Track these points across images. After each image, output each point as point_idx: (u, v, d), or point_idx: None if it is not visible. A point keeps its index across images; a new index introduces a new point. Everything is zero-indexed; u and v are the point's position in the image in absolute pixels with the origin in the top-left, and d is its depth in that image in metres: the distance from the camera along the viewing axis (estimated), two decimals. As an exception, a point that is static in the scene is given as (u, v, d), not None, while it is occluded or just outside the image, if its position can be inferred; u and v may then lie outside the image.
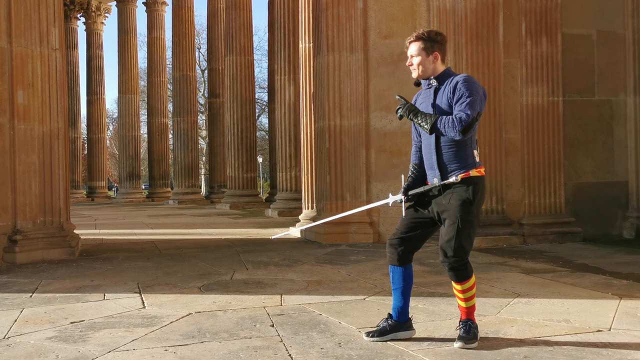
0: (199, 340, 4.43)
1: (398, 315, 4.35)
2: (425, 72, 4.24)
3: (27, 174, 8.65)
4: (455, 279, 4.17)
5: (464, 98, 3.99)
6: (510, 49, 9.71)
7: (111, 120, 54.68)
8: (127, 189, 30.24)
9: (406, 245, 4.29)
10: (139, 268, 7.81)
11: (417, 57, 4.23)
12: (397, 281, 4.34)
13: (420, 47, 4.22)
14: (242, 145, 21.13)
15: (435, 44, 4.22)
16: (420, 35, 4.25)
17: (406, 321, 4.37)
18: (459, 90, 4.02)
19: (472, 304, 4.24)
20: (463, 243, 4.07)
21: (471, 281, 4.19)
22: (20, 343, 4.46)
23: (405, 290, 4.35)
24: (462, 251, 4.08)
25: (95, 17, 34.53)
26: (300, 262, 8.04)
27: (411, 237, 4.29)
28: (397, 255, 4.29)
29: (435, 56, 4.22)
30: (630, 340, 4.27)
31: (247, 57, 21.43)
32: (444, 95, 4.13)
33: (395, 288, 4.36)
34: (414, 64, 4.25)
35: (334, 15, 10.19)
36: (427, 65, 4.22)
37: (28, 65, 8.70)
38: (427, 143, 4.22)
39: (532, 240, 9.49)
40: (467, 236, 4.09)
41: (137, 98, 31.38)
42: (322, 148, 10.49)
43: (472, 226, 4.11)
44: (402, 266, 4.31)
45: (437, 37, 4.25)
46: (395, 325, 4.33)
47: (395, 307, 4.35)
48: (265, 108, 44.33)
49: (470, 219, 4.08)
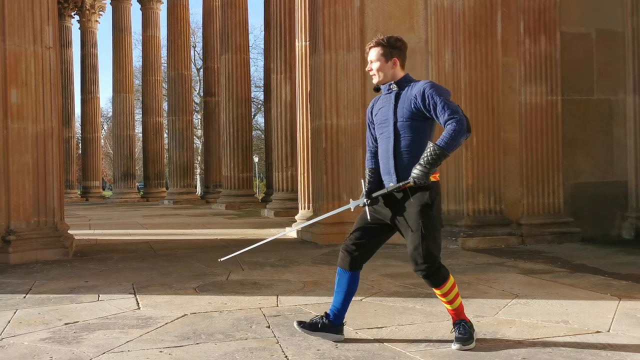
0: (194, 341, 4.40)
1: (334, 317, 4.35)
2: (384, 77, 4.26)
3: (21, 173, 8.59)
4: (432, 285, 4.16)
5: (440, 104, 3.98)
6: (509, 47, 9.67)
7: (105, 119, 54.64)
8: (121, 189, 30.20)
9: (361, 252, 4.29)
10: (133, 269, 7.77)
11: (376, 62, 4.25)
12: (343, 285, 4.34)
13: (380, 53, 4.24)
14: (238, 145, 21.09)
15: (394, 49, 4.25)
16: (380, 41, 4.27)
17: (339, 325, 4.37)
18: (431, 97, 4.01)
19: (458, 304, 4.22)
20: (430, 248, 4.06)
21: (449, 282, 4.17)
22: (13, 344, 4.43)
23: (348, 295, 4.36)
24: (431, 256, 4.06)
25: (90, 15, 34.46)
26: (296, 263, 8.01)
27: (367, 243, 4.29)
28: (350, 260, 4.28)
29: (394, 62, 4.24)
30: (630, 342, 4.25)
31: (243, 55, 21.40)
32: (406, 100, 4.14)
33: (338, 291, 4.36)
34: (374, 69, 4.27)
35: (331, 14, 10.14)
36: (386, 70, 4.24)
37: (21, 64, 8.64)
38: (385, 148, 4.23)
39: (530, 240, 9.45)
40: (432, 240, 4.07)
41: (132, 97, 31.36)
42: (318, 147, 10.44)
43: (436, 229, 4.12)
44: (351, 271, 4.30)
45: (396, 43, 4.27)
46: (327, 325, 4.34)
47: (333, 309, 4.36)
48: (261, 107, 44.25)
49: (432, 222, 4.08)
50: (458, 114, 3.94)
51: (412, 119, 4.10)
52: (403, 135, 4.14)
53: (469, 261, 7.86)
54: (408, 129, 4.12)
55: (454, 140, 3.92)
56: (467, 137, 4.02)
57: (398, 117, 4.15)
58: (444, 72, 9.63)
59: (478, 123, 9.40)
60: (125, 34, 30.95)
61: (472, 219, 9.33)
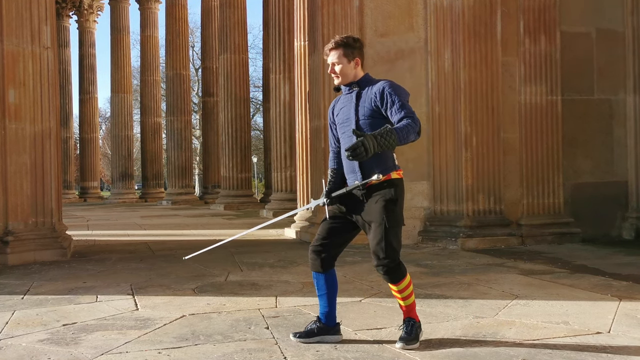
0: (193, 342, 4.39)
1: (326, 319, 4.36)
2: (347, 78, 4.25)
3: (19, 174, 8.56)
4: (391, 281, 4.16)
5: (398, 103, 4.00)
6: (508, 47, 9.65)
7: (104, 119, 54.56)
8: (119, 190, 30.16)
9: (328, 252, 4.29)
10: (132, 269, 7.75)
11: (338, 64, 4.24)
12: (322, 287, 4.35)
13: (341, 54, 4.23)
14: (237, 145, 21.07)
15: (356, 50, 4.25)
16: (340, 42, 4.26)
17: (334, 325, 4.37)
18: (389, 95, 4.03)
19: (411, 301, 4.25)
20: (392, 243, 4.07)
21: (407, 280, 4.18)
22: (11, 346, 4.41)
23: (331, 295, 4.37)
24: (392, 251, 4.06)
25: (88, 15, 34.42)
26: (295, 264, 7.99)
27: (333, 242, 4.30)
28: (321, 262, 4.29)
29: (356, 62, 4.25)
30: (630, 343, 4.23)
31: (242, 55, 21.38)
32: (367, 99, 4.15)
33: (320, 294, 4.37)
34: (337, 71, 4.25)
35: (330, 13, 10.11)
36: (349, 71, 4.24)
37: (19, 64, 8.61)
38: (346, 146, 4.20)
39: (530, 241, 9.43)
40: (394, 235, 4.08)
41: (130, 97, 31.33)
42: (317, 148, 10.42)
43: (398, 225, 4.13)
44: (325, 272, 4.31)
45: (356, 43, 4.28)
46: (323, 328, 4.34)
47: (322, 312, 4.37)
48: (259, 107, 44.24)
49: (396, 218, 4.09)
50: (413, 115, 3.97)
51: (372, 117, 4.12)
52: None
53: (469, 262, 7.83)
54: (370, 127, 4.10)
55: (407, 132, 3.88)
56: (414, 139, 3.98)
57: (360, 115, 4.16)
58: (444, 71, 9.60)
59: (478, 123, 9.38)
60: (124, 34, 30.92)
61: (471, 219, 9.31)
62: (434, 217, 9.70)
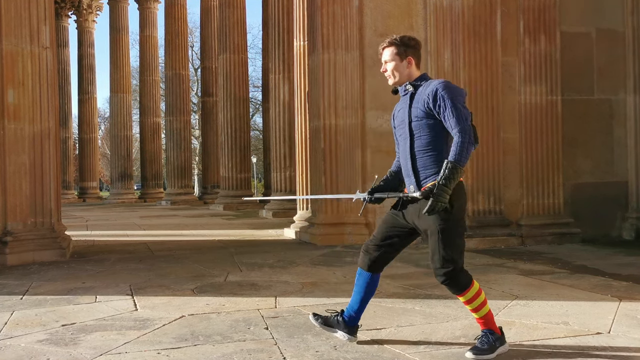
0: (192, 343, 4.38)
1: (349, 318, 4.30)
2: (400, 77, 4.17)
3: (18, 174, 8.54)
4: (453, 292, 4.04)
5: (449, 109, 3.87)
6: (508, 47, 9.64)
7: (103, 119, 54.53)
8: (119, 190, 30.11)
9: (381, 254, 4.20)
10: (131, 270, 7.74)
11: (390, 62, 4.18)
12: (360, 286, 4.27)
13: (394, 53, 4.16)
14: (236, 145, 21.04)
15: (409, 48, 4.16)
16: (393, 40, 4.19)
17: (353, 326, 4.30)
18: (442, 99, 3.90)
19: (485, 312, 4.05)
20: (448, 253, 3.91)
21: (473, 289, 4.00)
22: (10, 346, 4.41)
23: (365, 297, 4.29)
24: (447, 262, 3.91)
25: (87, 15, 34.37)
26: (295, 264, 7.98)
27: (388, 245, 4.20)
28: (369, 261, 4.21)
29: (409, 61, 4.15)
30: (630, 343, 4.23)
31: (241, 55, 21.35)
32: (420, 100, 4.04)
33: (356, 291, 4.30)
34: (389, 70, 4.19)
35: (329, 13, 10.11)
36: (401, 70, 4.16)
37: (18, 64, 8.59)
38: (403, 149, 4.15)
39: (530, 241, 9.42)
40: (450, 245, 3.92)
41: (129, 97, 31.26)
42: (317, 148, 10.40)
43: (455, 234, 3.95)
44: (370, 272, 4.23)
45: (410, 41, 4.19)
46: (341, 324, 4.28)
47: (350, 309, 4.31)
48: (259, 107, 44.20)
49: (450, 226, 3.92)
50: (464, 124, 3.83)
51: (426, 118, 4.00)
52: (418, 135, 4.04)
53: (469, 262, 7.73)
54: (423, 128, 4.01)
55: (463, 152, 3.78)
56: (475, 147, 3.90)
57: (412, 117, 4.06)
58: (443, 71, 9.59)
59: (478, 123, 9.25)
60: (123, 33, 30.86)
61: (471, 219, 9.30)
62: (433, 218, 9.68)
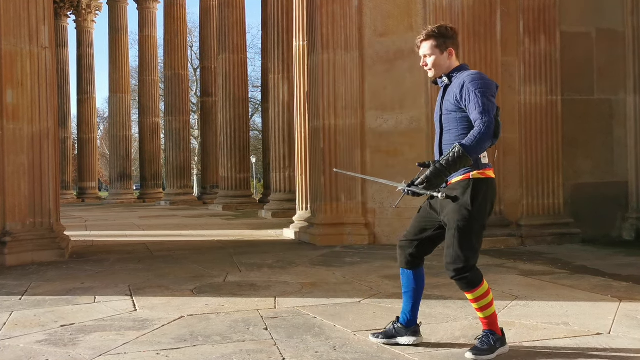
0: (191, 343, 4.37)
1: (406, 321, 4.23)
2: (440, 69, 4.03)
3: (17, 174, 8.53)
4: (462, 288, 3.99)
5: (474, 101, 3.77)
6: (508, 47, 9.63)
7: (102, 119, 54.47)
8: (118, 190, 30.09)
9: (415, 248, 4.13)
10: (130, 270, 7.72)
11: (431, 56, 4.02)
12: (406, 284, 4.21)
13: (433, 45, 3.99)
14: (235, 145, 21.01)
15: (448, 39, 4.00)
16: (431, 32, 4.01)
17: (413, 326, 4.23)
18: (468, 91, 3.80)
19: (490, 313, 4.00)
20: (462, 250, 3.85)
21: (482, 288, 3.94)
22: (9, 347, 4.40)
23: (416, 294, 4.20)
24: (460, 259, 3.86)
25: (86, 15, 34.33)
26: (294, 264, 7.96)
27: (421, 240, 4.13)
28: (406, 258, 4.16)
29: (450, 52, 4.01)
30: (630, 344, 4.23)
31: (240, 55, 21.32)
32: (451, 93, 3.94)
33: (404, 291, 4.23)
34: (429, 64, 4.04)
35: (329, 13, 10.09)
36: (442, 63, 4.01)
37: (17, 64, 8.57)
38: (436, 142, 4.08)
39: (530, 241, 9.40)
40: (465, 242, 3.85)
41: (129, 97, 31.24)
42: (316, 148, 10.39)
43: (472, 232, 3.87)
44: (411, 269, 4.16)
45: (448, 32, 4.03)
46: (400, 330, 4.22)
47: (404, 310, 4.23)
48: (258, 107, 44.18)
49: (468, 224, 3.84)
50: (488, 115, 3.72)
51: (455, 112, 3.91)
52: (447, 128, 3.97)
53: (468, 262, 7.80)
54: (453, 122, 3.93)
55: (479, 143, 3.68)
56: (493, 143, 3.80)
57: (443, 110, 3.98)
58: (443, 71, 9.57)
59: (477, 123, 9.34)
60: (122, 33, 30.83)
61: (471, 219, 9.27)
62: (433, 218, 9.66)
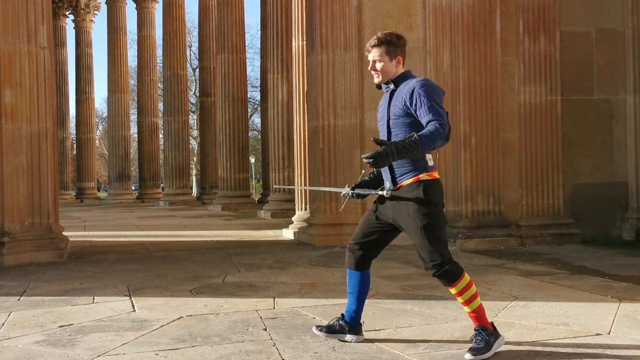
0: (190, 344, 4.37)
1: (350, 319, 4.34)
2: (387, 76, 4.18)
3: (15, 174, 8.51)
4: (445, 283, 4.06)
5: (426, 105, 3.89)
6: (508, 47, 9.62)
7: (100, 119, 54.42)
8: (116, 190, 30.08)
9: (364, 251, 4.27)
10: (129, 270, 7.71)
11: (380, 62, 4.16)
12: (353, 285, 4.34)
13: (383, 52, 4.15)
14: (234, 146, 21.00)
15: (398, 48, 4.17)
16: (383, 39, 4.16)
17: (356, 325, 4.35)
18: (419, 96, 3.93)
19: (476, 305, 4.05)
20: (434, 245, 3.97)
21: (464, 280, 4.02)
22: (8, 347, 4.39)
23: (360, 295, 4.35)
24: (436, 255, 3.97)
25: (84, 15, 34.33)
26: (293, 265, 7.95)
27: (370, 242, 4.27)
28: (355, 260, 4.28)
29: (398, 60, 4.17)
30: (630, 344, 4.22)
31: (239, 55, 21.31)
32: (399, 98, 4.07)
33: (350, 292, 4.36)
34: (378, 69, 4.18)
35: (328, 13, 10.08)
36: (390, 69, 4.16)
37: (16, 64, 8.55)
38: None
39: (530, 241, 9.39)
40: (434, 238, 3.98)
41: (127, 97, 31.22)
42: (315, 148, 10.38)
43: (436, 227, 4.00)
44: (358, 271, 4.29)
45: (399, 41, 4.19)
46: (344, 327, 4.33)
47: (348, 310, 4.35)
48: (257, 107, 44.20)
49: (431, 220, 3.98)
50: (442, 118, 3.85)
51: (403, 117, 4.04)
52: (395, 133, 4.09)
53: (468, 263, 7.79)
54: (401, 126, 4.06)
55: (433, 139, 3.78)
56: (442, 144, 3.90)
57: (391, 114, 4.10)
58: (442, 71, 9.57)
59: (477, 123, 9.35)
60: (121, 33, 30.81)
61: (471, 220, 9.28)
62: (432, 218, 9.64)
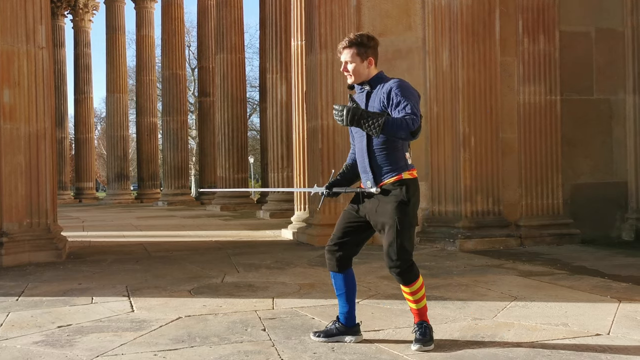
0: (189, 344, 4.36)
1: (345, 320, 4.36)
2: (359, 77, 4.22)
3: (14, 174, 8.50)
4: (403, 282, 4.15)
5: (403, 104, 3.95)
6: (507, 46, 9.61)
7: (99, 119, 54.38)
8: (115, 190, 30.07)
9: (344, 251, 4.30)
10: (127, 271, 7.70)
11: (351, 63, 4.20)
12: (340, 287, 4.36)
13: (354, 53, 4.19)
14: (233, 146, 20.99)
15: (369, 49, 4.21)
16: (354, 40, 4.21)
17: (353, 326, 4.38)
18: (396, 96, 3.99)
19: (423, 304, 4.22)
20: (405, 245, 4.06)
21: (419, 282, 4.16)
22: (6, 348, 4.38)
23: (349, 295, 4.37)
24: (405, 253, 4.06)
25: (83, 15, 34.32)
26: (292, 265, 7.95)
27: (348, 242, 4.30)
28: (336, 261, 4.30)
29: (369, 61, 4.21)
30: (630, 344, 4.22)
31: (238, 55, 21.30)
32: (376, 99, 4.12)
33: (338, 294, 4.39)
34: (349, 70, 4.22)
35: (327, 13, 10.08)
36: (362, 71, 4.21)
37: (14, 64, 8.54)
38: (360, 147, 4.21)
39: (529, 242, 9.37)
40: (407, 237, 4.07)
41: (126, 97, 31.22)
42: (314, 148, 10.37)
43: (412, 226, 4.11)
44: (342, 272, 4.32)
45: (369, 42, 4.23)
46: (341, 329, 4.35)
47: (342, 312, 4.38)
48: (256, 107, 44.22)
49: (408, 219, 4.07)
50: (416, 116, 3.89)
51: None
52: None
53: (467, 263, 7.79)
54: None
55: (399, 125, 3.83)
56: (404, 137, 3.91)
57: None
58: (442, 71, 9.55)
59: (476, 123, 9.33)
60: (119, 33, 30.80)
61: (470, 220, 9.26)
62: (432, 218, 9.65)
